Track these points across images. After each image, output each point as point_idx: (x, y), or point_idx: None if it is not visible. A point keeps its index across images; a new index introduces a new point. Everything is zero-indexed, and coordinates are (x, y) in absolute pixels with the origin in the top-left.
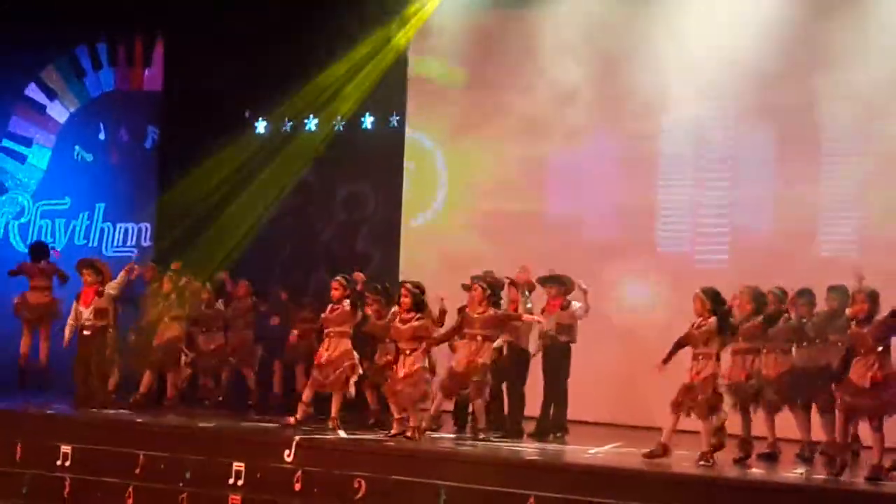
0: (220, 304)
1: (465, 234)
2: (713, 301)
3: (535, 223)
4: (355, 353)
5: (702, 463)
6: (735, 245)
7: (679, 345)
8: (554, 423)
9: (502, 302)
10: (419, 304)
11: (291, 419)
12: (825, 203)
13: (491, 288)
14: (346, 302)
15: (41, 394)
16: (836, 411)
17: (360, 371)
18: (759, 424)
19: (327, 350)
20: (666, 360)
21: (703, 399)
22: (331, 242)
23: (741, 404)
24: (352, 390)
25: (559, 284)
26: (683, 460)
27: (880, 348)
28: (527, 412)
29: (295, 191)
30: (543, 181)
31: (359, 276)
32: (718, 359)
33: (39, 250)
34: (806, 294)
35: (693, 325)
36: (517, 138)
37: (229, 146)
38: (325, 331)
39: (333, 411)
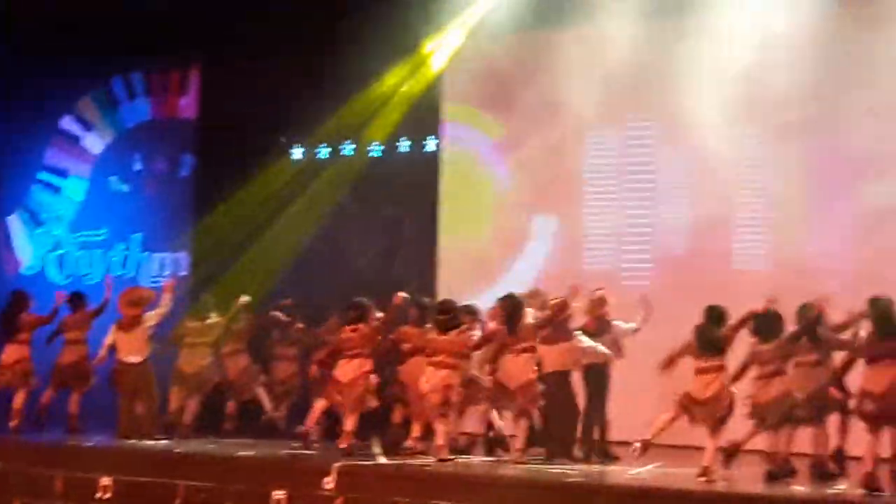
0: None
1: (504, 253)
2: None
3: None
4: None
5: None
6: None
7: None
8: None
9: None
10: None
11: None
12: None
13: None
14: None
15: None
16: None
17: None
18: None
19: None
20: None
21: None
22: (368, 267)
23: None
24: (371, 405)
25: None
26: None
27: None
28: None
29: (331, 217)
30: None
31: (398, 297)
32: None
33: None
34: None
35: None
36: (549, 157)
37: (265, 173)
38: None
39: (349, 427)
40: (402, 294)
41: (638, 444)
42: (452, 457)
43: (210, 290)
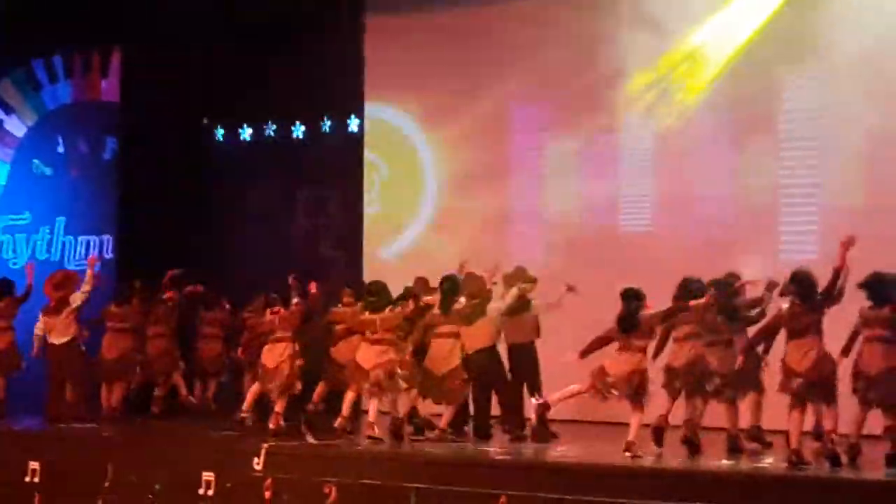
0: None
1: (429, 232)
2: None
3: (501, 219)
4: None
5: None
6: None
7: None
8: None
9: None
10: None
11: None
12: None
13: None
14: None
15: None
16: None
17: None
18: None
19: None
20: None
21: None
22: (297, 249)
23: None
24: (297, 389)
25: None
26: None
27: None
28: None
29: (258, 197)
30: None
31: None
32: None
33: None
34: None
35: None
36: (485, 132)
37: (190, 156)
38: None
39: (278, 408)
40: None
41: (535, 400)
42: (380, 436)
43: (136, 274)
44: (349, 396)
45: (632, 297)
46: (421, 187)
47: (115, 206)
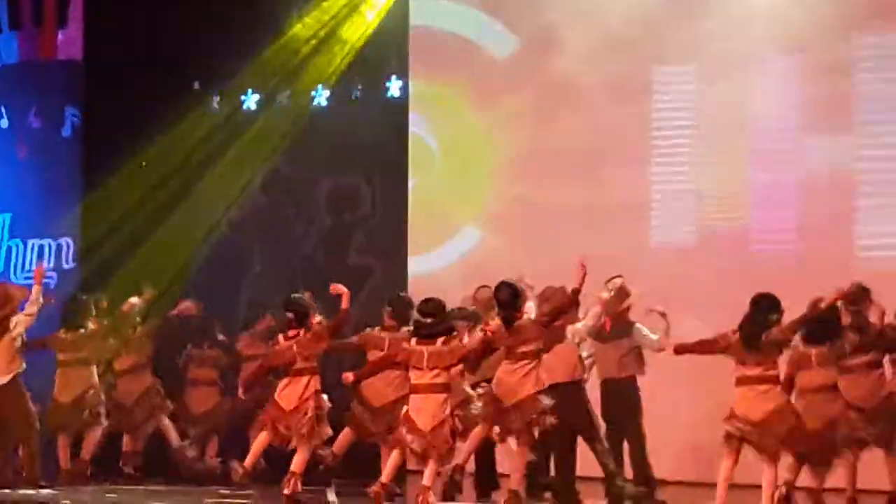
0: None
1: (492, 233)
2: None
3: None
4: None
5: None
6: None
7: None
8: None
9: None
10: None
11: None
12: None
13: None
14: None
15: None
16: None
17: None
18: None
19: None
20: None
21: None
22: (315, 254)
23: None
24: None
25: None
26: None
27: None
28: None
29: (263, 186)
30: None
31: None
32: None
33: None
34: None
35: None
36: (558, 104)
37: (173, 130)
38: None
39: (298, 467)
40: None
41: None
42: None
43: (101, 288)
44: (394, 457)
45: (765, 307)
46: (484, 172)
47: (77, 199)
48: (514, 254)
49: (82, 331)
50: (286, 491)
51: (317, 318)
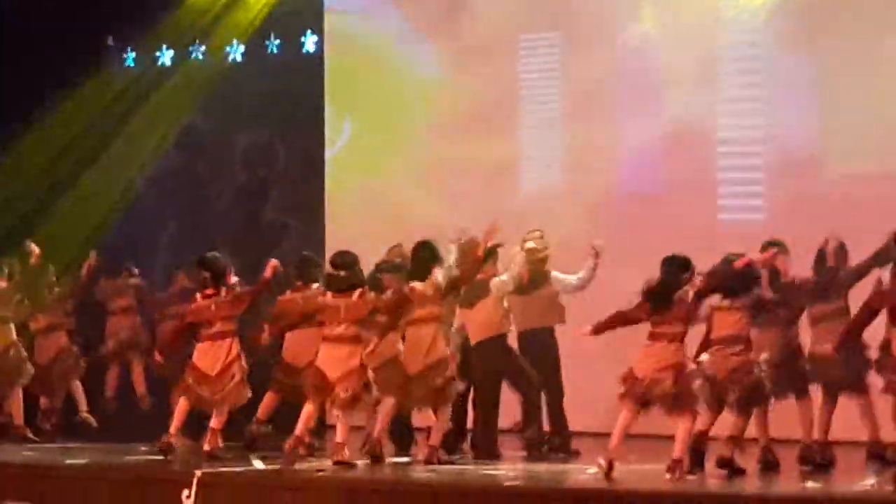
0: None
1: (408, 189)
2: None
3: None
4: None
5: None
6: None
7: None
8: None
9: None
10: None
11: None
12: None
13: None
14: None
15: None
16: None
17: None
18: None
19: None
20: None
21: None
22: (230, 211)
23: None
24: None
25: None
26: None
27: None
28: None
29: (179, 143)
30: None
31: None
32: None
33: None
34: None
35: None
36: (476, 60)
37: (85, 87)
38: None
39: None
40: (274, 262)
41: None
42: (352, 460)
43: (14, 251)
44: (307, 411)
45: (675, 266)
46: (401, 128)
47: None
48: (432, 210)
49: None
50: (207, 447)
51: (233, 278)
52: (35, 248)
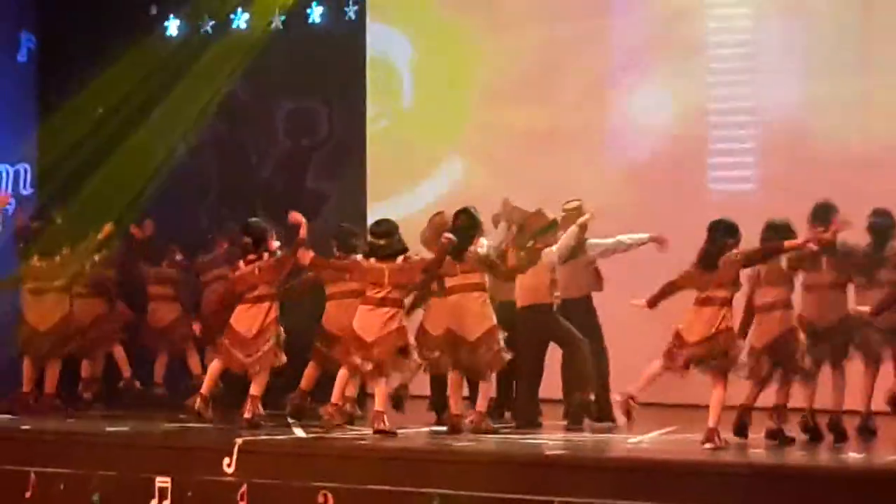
0: None
1: (451, 158)
2: None
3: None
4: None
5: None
6: None
7: None
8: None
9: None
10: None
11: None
12: None
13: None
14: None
15: None
16: None
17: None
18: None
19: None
20: None
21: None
22: (272, 178)
23: None
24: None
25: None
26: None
27: None
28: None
29: (222, 110)
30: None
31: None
32: None
33: None
34: None
35: None
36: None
37: (131, 55)
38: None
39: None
40: (301, 218)
41: (618, 397)
42: (392, 428)
43: (61, 214)
44: (342, 375)
45: (721, 231)
46: (444, 96)
47: (33, 125)
48: (475, 179)
49: (57, 258)
50: (247, 415)
51: (275, 243)
52: (109, 228)
